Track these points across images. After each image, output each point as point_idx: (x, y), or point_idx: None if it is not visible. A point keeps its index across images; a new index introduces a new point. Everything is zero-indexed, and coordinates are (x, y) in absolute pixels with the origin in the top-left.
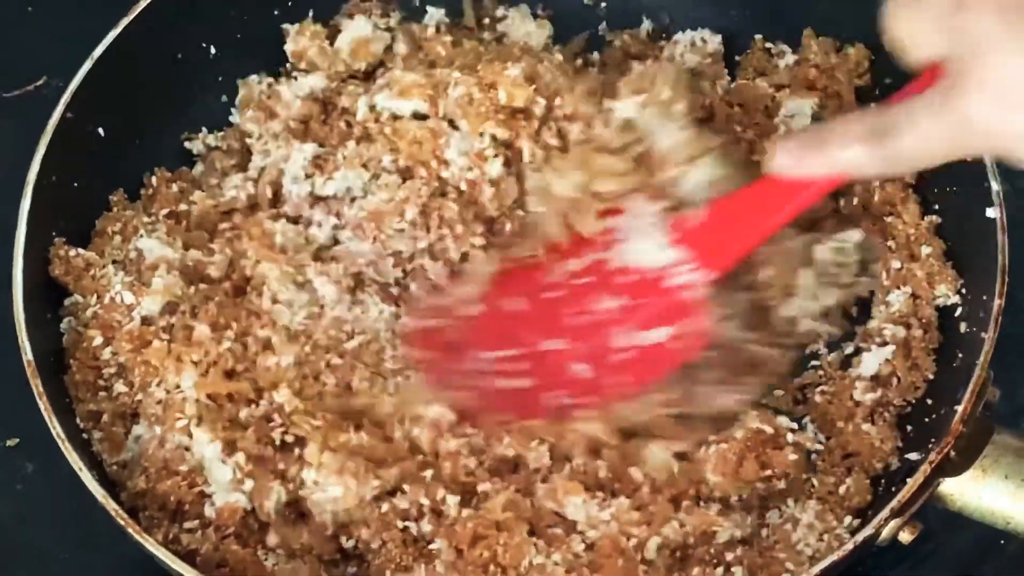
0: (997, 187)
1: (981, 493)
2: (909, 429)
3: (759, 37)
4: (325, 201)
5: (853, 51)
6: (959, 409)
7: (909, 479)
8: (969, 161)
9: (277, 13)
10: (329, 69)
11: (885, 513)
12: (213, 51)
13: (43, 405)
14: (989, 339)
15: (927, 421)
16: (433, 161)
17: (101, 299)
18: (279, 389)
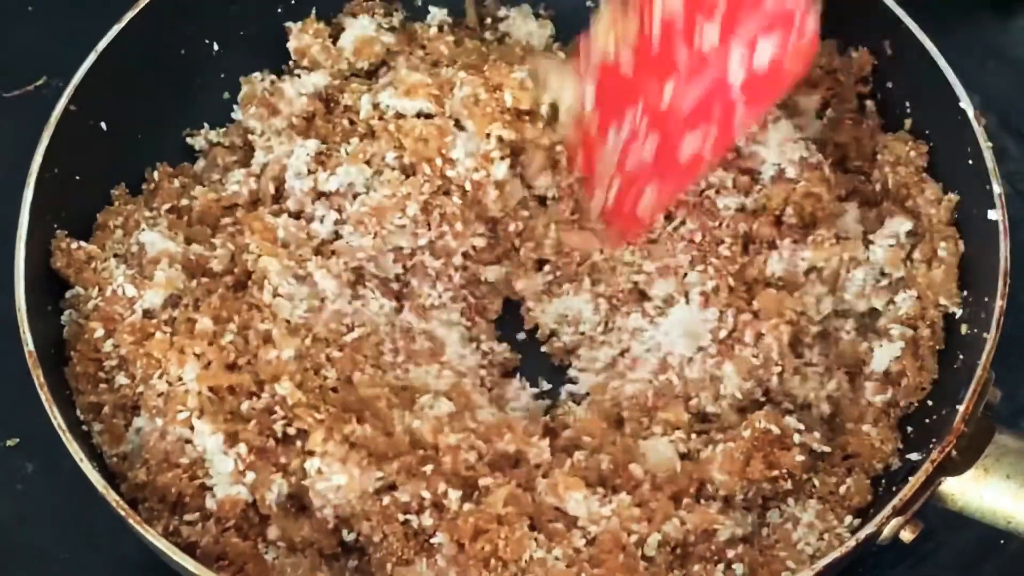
0: (999, 190)
1: (982, 493)
2: (909, 430)
3: None
4: (327, 196)
5: (857, 55)
6: (960, 408)
7: (911, 478)
8: (971, 164)
9: (280, 11)
10: (332, 67)
11: (887, 511)
12: (216, 48)
13: (44, 396)
14: (991, 340)
15: (927, 422)
16: (438, 159)
17: (103, 292)
18: (281, 381)
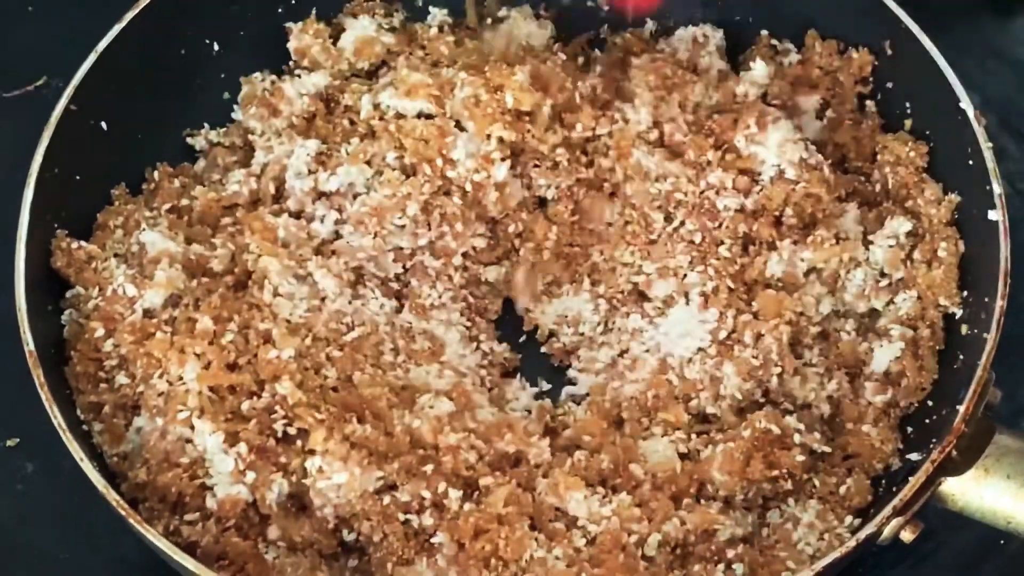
0: (999, 190)
1: (983, 493)
2: (910, 431)
3: (765, 33)
4: (327, 196)
5: (857, 55)
6: (961, 408)
7: (911, 478)
8: (971, 164)
9: (280, 11)
10: (332, 67)
11: (887, 511)
12: (216, 48)
13: (44, 396)
14: (991, 340)
15: (928, 423)
16: (438, 159)
17: (103, 291)
18: (281, 381)
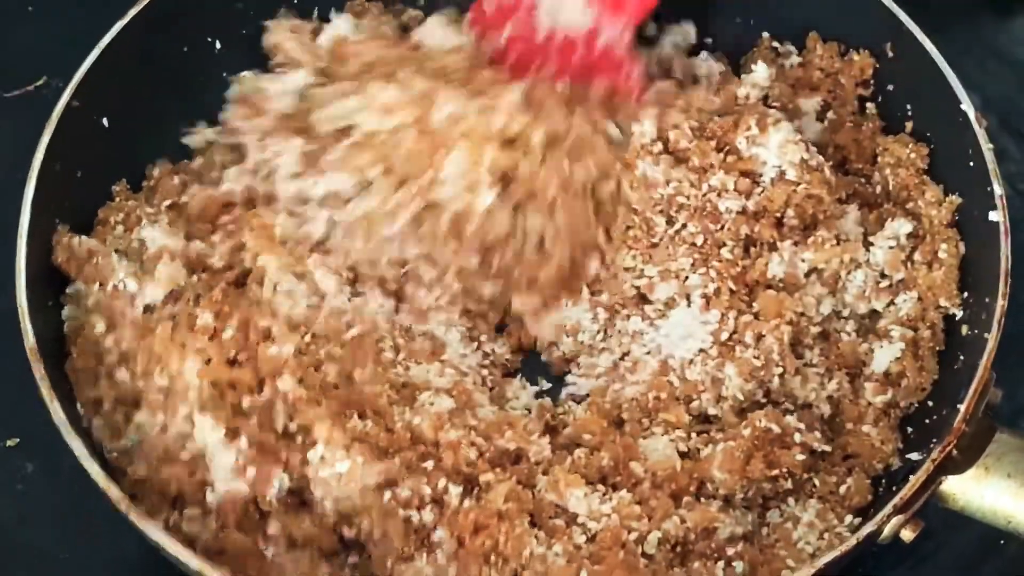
0: (1000, 191)
1: (983, 492)
2: (910, 431)
3: (766, 35)
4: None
5: (858, 57)
6: (961, 408)
7: (911, 477)
8: (971, 165)
9: (281, 9)
10: (311, 65)
11: (888, 510)
12: (218, 46)
13: (44, 391)
14: (992, 340)
15: (928, 422)
16: (425, 177)
17: (104, 287)
18: (282, 377)
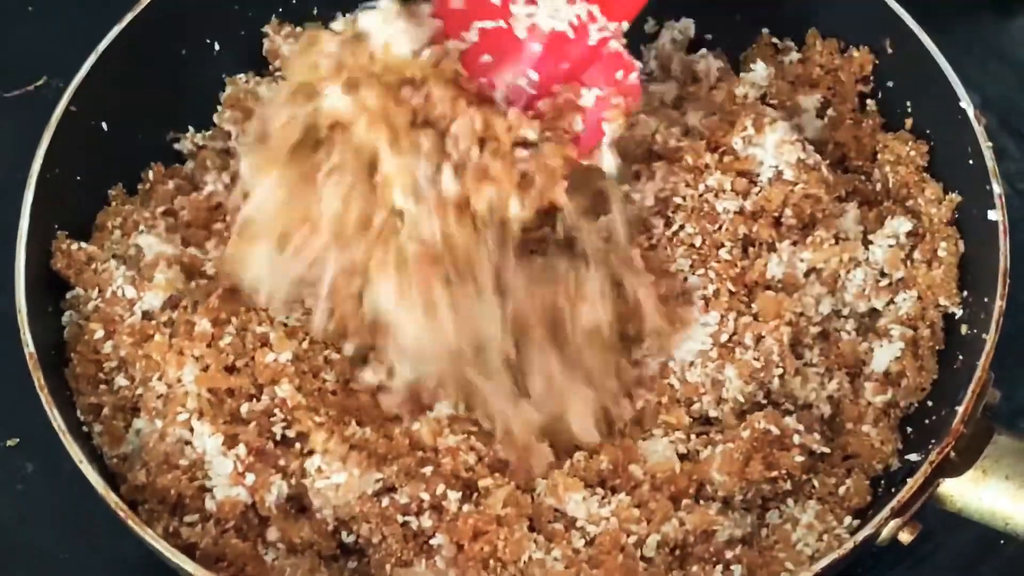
0: (999, 190)
1: (981, 494)
2: (909, 431)
3: (766, 32)
4: None
5: (858, 54)
6: (960, 409)
7: (910, 479)
8: (971, 164)
9: (281, 11)
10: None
11: (885, 512)
12: (217, 48)
13: (44, 397)
14: (990, 340)
15: (927, 423)
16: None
17: (103, 293)
18: (280, 384)
